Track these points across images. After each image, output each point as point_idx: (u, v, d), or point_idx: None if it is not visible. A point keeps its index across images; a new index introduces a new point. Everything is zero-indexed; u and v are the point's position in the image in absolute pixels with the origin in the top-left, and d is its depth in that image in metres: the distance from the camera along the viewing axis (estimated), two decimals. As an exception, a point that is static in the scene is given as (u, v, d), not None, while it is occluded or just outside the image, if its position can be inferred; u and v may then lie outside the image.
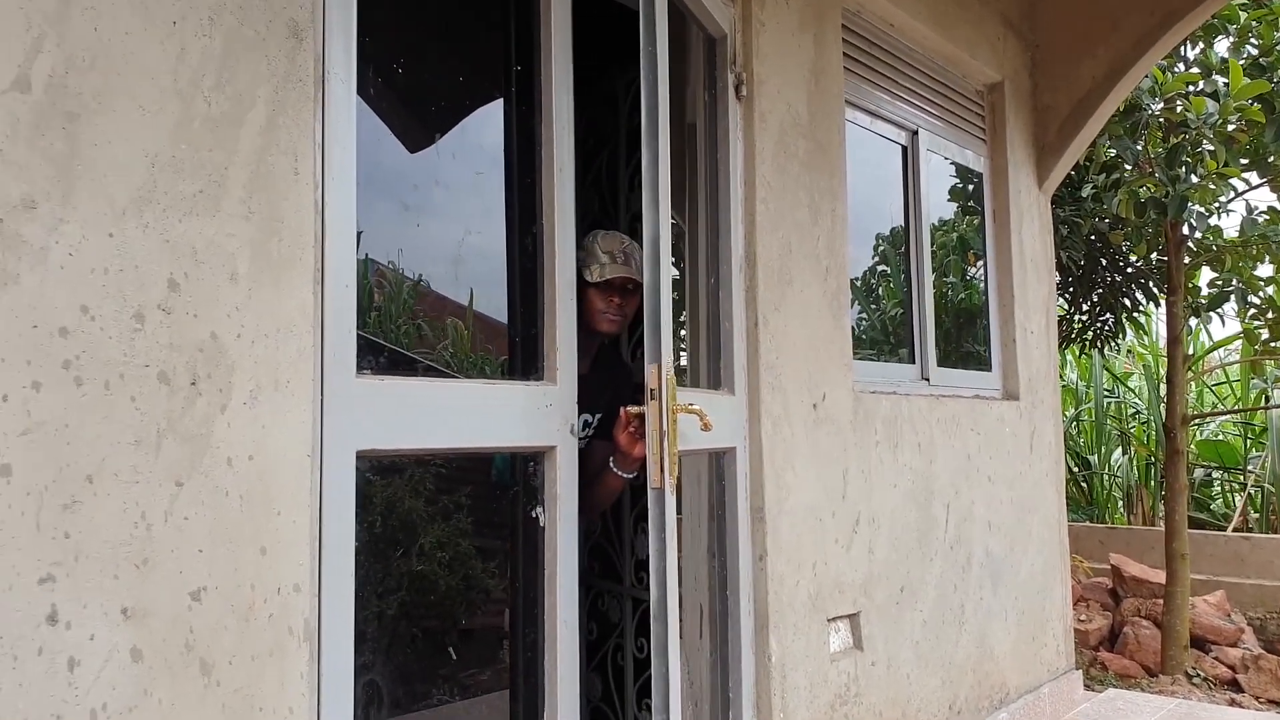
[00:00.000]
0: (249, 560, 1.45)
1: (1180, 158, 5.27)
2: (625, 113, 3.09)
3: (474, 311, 2.39)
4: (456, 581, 2.01)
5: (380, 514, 1.78)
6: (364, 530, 1.65)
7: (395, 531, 1.82)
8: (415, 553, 1.87)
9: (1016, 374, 4.05)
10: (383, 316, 2.40)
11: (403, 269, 2.35)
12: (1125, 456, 9.54)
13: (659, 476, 1.88)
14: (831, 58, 3.03)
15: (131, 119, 1.37)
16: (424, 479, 2.05)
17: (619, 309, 2.42)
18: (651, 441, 1.90)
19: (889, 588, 3.02)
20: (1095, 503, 9.27)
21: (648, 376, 1.90)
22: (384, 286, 2.32)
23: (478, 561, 2.11)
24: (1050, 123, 4.51)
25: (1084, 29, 4.42)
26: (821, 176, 2.92)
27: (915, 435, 3.25)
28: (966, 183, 4.17)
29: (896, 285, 3.71)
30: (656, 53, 1.93)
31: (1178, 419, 5.70)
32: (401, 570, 1.83)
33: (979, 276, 4.16)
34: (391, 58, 1.95)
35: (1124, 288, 6.99)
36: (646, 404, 1.90)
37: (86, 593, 1.27)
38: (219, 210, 1.46)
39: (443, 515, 1.98)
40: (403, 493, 1.87)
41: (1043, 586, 4.01)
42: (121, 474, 1.32)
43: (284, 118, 1.56)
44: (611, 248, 2.42)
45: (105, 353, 1.32)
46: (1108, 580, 6.68)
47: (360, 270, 1.82)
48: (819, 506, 2.74)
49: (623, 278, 2.41)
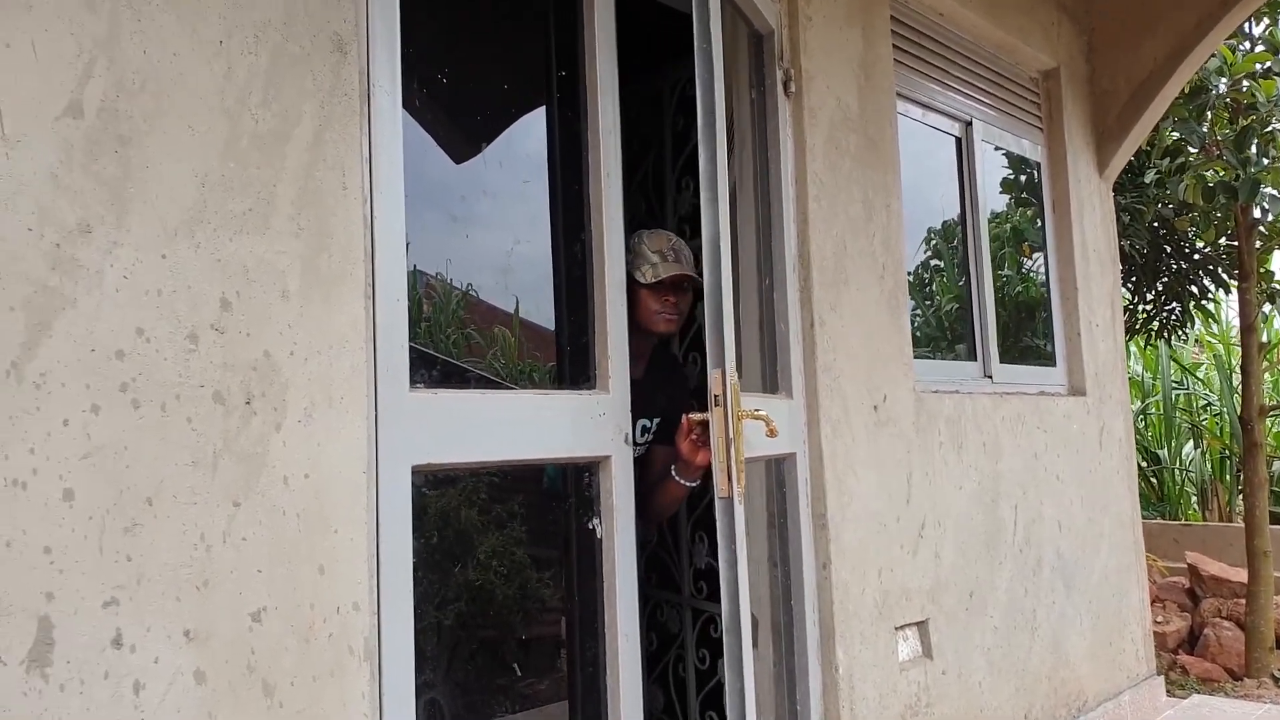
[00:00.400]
0: (307, 579, 1.44)
1: (1250, 140, 5.08)
2: (671, 113, 3.05)
3: (521, 319, 2.37)
4: (513, 591, 1.99)
5: (436, 528, 1.77)
6: (420, 545, 1.63)
7: (451, 544, 1.80)
8: (471, 565, 1.86)
9: (1082, 369, 3.93)
10: (432, 327, 2.39)
11: (451, 279, 2.33)
12: (1197, 450, 9.24)
13: (726, 485, 1.82)
14: (881, 50, 2.96)
15: (181, 139, 1.38)
16: (477, 490, 2.03)
17: (674, 308, 2.33)
18: (717, 449, 1.84)
19: (957, 593, 2.94)
20: (1167, 499, 8.98)
21: (711, 382, 1.84)
22: (433, 297, 2.31)
23: (533, 571, 2.09)
24: (1110, 108, 4.37)
25: (1142, 9, 4.27)
26: (875, 172, 2.85)
27: (980, 435, 3.16)
28: (1019, 173, 4.07)
29: (951, 279, 3.62)
30: (711, 49, 1.88)
31: (1255, 410, 5.49)
32: (459, 583, 1.81)
33: (1035, 270, 4.05)
34: (434, 69, 1.93)
35: (1191, 275, 6.77)
36: (710, 410, 1.84)
37: (149, 615, 1.27)
38: (269, 228, 1.46)
39: (497, 525, 1.96)
40: (457, 504, 1.86)
41: (1118, 588, 3.88)
42: (180, 495, 1.32)
43: (330, 132, 1.55)
44: (660, 246, 2.33)
45: (161, 374, 1.32)
46: (1184, 580, 6.46)
47: (409, 282, 1.81)
48: (882, 511, 2.67)
49: (676, 275, 2.32)
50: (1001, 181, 3.93)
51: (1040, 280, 4.05)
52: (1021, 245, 4.01)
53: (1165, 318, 7.07)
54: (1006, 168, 3.97)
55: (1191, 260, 6.69)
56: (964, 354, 3.49)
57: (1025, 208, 4.07)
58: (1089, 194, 4.19)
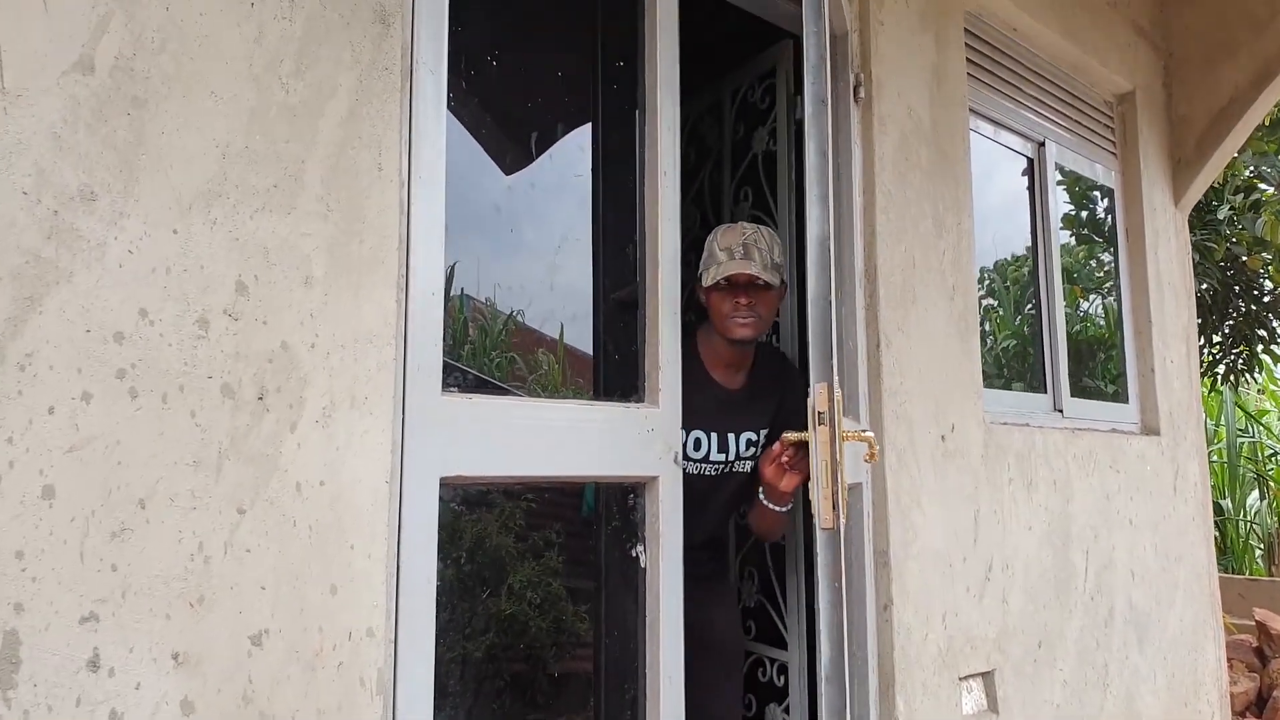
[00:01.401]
0: (317, 600, 1.28)
1: (1332, 175, 4.82)
2: (730, 121, 2.91)
3: (566, 345, 2.18)
4: (547, 624, 1.82)
5: (463, 549, 1.61)
6: (445, 567, 1.47)
7: (480, 568, 1.64)
8: (502, 592, 1.69)
9: (1156, 407, 3.68)
10: (476, 349, 2.24)
11: (496, 301, 2.15)
12: (1263, 501, 8.84)
13: (831, 516, 1.60)
14: (954, 60, 2.79)
15: (203, 106, 1.24)
16: (513, 511, 1.86)
17: (749, 309, 2.02)
18: (821, 474, 1.61)
19: (1025, 643, 2.71)
20: (1231, 552, 8.57)
21: (815, 397, 1.62)
22: (479, 320, 2.14)
23: (569, 604, 1.90)
24: (1186, 135, 4.15)
25: (1222, 35, 4.07)
26: (945, 186, 2.67)
27: (1050, 472, 2.94)
28: (1080, 208, 3.85)
29: (1008, 316, 3.43)
30: (822, 32, 1.70)
31: (1329, 459, 5.17)
32: (488, 613, 1.65)
33: (1094, 310, 3.82)
34: (484, 57, 1.80)
35: (1260, 317, 6.46)
36: (813, 429, 1.62)
37: (134, 634, 1.11)
38: (294, 207, 1.32)
39: (533, 553, 1.79)
40: (490, 525, 1.69)
41: (1193, 645, 3.60)
42: (178, 499, 1.17)
43: (368, 109, 1.42)
44: (730, 243, 2.05)
45: (164, 361, 1.17)
46: (1252, 638, 6.11)
47: (448, 285, 1.66)
48: (948, 550, 2.46)
49: (745, 275, 2.02)
50: (1063, 217, 3.71)
51: (1098, 320, 3.83)
52: (1074, 288, 3.78)
53: (1232, 361, 6.76)
54: (1068, 202, 3.77)
55: (1261, 302, 6.39)
56: (1031, 388, 3.28)
57: (1087, 244, 3.86)
58: (1164, 224, 3.97)
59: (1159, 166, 4.00)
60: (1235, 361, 6.77)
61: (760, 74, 2.78)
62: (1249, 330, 6.53)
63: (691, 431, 2.05)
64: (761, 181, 2.75)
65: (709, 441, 2.09)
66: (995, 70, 3.16)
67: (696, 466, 2.10)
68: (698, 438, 2.07)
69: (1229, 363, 6.78)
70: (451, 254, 1.54)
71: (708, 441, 2.09)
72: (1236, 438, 9.08)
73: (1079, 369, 3.52)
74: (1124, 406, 3.64)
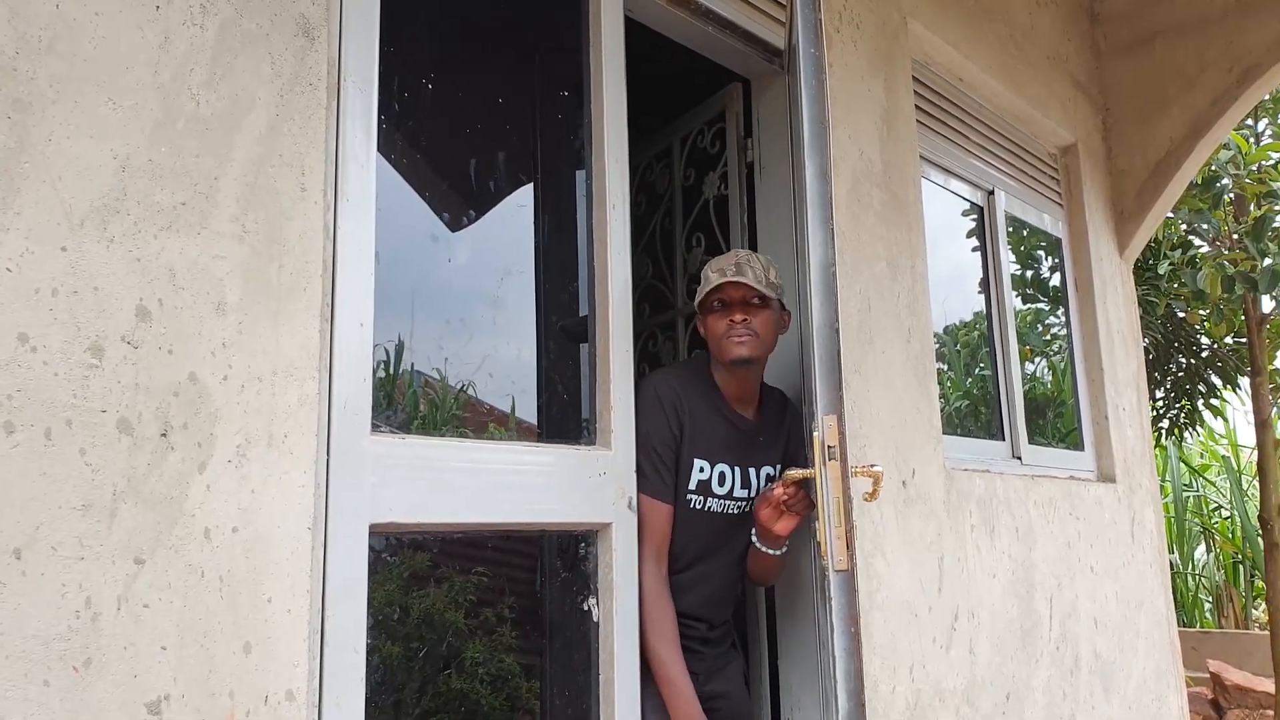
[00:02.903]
0: (228, 660, 1.14)
1: (1267, 230, 4.93)
2: (680, 167, 2.85)
3: (517, 419, 2.02)
4: (500, 702, 1.66)
5: (399, 605, 1.47)
6: (377, 622, 1.33)
7: (417, 624, 1.50)
8: (439, 647, 1.55)
9: (1111, 454, 3.66)
10: (426, 424, 2.08)
11: (447, 376, 1.95)
12: (1210, 554, 8.90)
13: (845, 556, 1.48)
14: (903, 106, 2.78)
15: (99, 113, 1.13)
16: (452, 558, 1.70)
17: (744, 326, 1.87)
18: (833, 512, 1.50)
19: (994, 695, 2.60)
20: (1181, 605, 8.58)
21: (823, 431, 1.51)
22: (430, 395, 1.95)
23: (522, 685, 1.74)
24: (1128, 187, 4.21)
25: (1156, 90, 4.16)
26: (898, 230, 2.63)
27: (1012, 519, 2.87)
28: (1026, 267, 3.86)
29: (959, 378, 3.40)
30: (820, 54, 1.62)
31: (1274, 508, 5.18)
32: (424, 670, 1.50)
33: (1041, 372, 3.81)
34: (420, 101, 1.70)
35: (1200, 372, 6.55)
36: (822, 464, 1.51)
37: (5, 703, 0.96)
38: (205, 227, 1.21)
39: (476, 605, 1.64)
40: (425, 577, 1.55)
41: (1157, 694, 3.52)
42: (62, 547, 1.03)
43: (290, 125, 1.32)
44: (723, 265, 1.92)
45: (48, 393, 1.04)
46: (1207, 690, 6.09)
47: (396, 358, 1.55)
48: (913, 599, 2.36)
49: (737, 287, 1.88)
50: (1010, 277, 3.69)
51: (1045, 381, 3.81)
52: (1024, 349, 3.76)
53: (1175, 416, 6.83)
54: (1014, 262, 3.75)
55: (1201, 357, 6.48)
56: (985, 436, 3.22)
57: (1033, 304, 3.86)
58: (1111, 273, 3.99)
59: (1103, 217, 4.05)
60: (1178, 416, 6.84)
61: (709, 118, 2.74)
62: (1190, 385, 6.62)
63: (716, 465, 1.92)
64: (714, 227, 2.68)
65: (733, 476, 1.94)
66: (944, 118, 3.17)
67: (721, 504, 1.94)
68: (722, 472, 1.92)
69: (1172, 417, 6.85)
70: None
71: (731, 476, 1.94)
72: (1182, 492, 9.16)
73: (1030, 427, 3.48)
74: (1080, 454, 3.61)
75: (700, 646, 1.92)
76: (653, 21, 2.13)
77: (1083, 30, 4.15)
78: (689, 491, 1.89)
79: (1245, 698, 5.90)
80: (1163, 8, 4.14)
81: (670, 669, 1.73)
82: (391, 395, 1.58)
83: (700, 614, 1.92)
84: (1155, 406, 6.76)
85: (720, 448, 1.92)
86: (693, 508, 1.89)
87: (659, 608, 1.77)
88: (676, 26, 2.16)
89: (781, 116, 2.39)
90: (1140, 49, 4.20)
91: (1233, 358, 6.31)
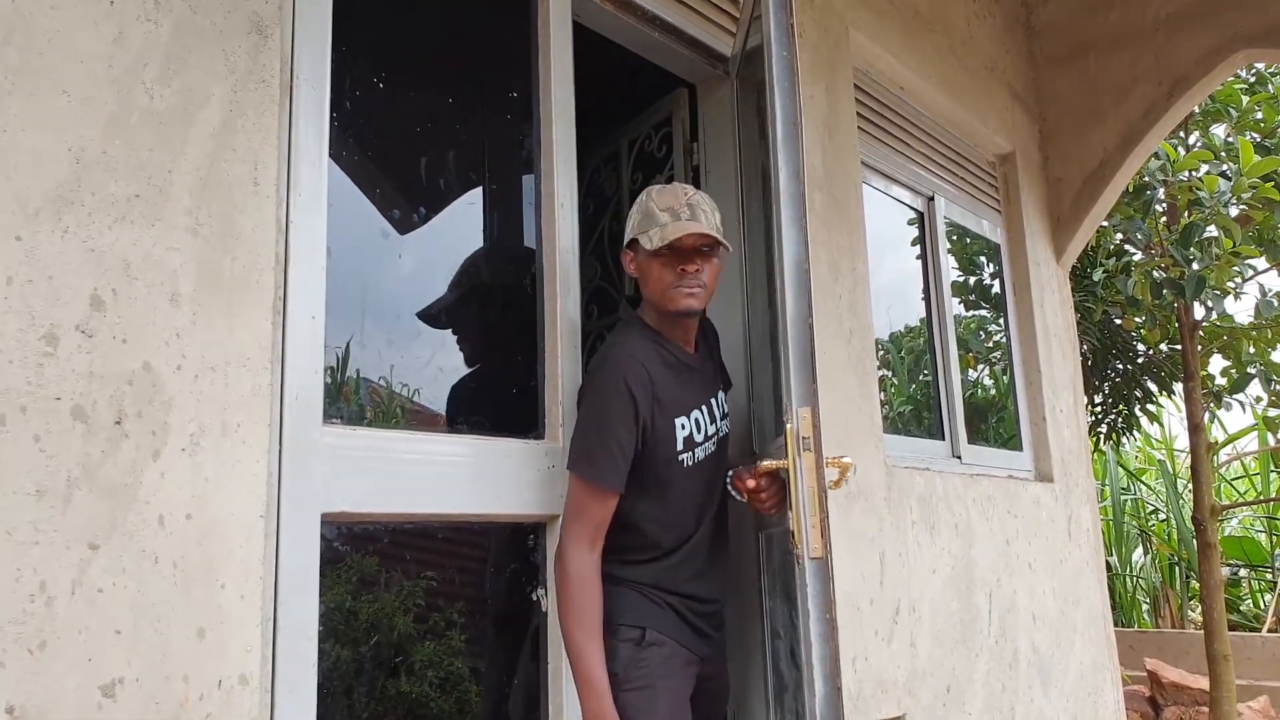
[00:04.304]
0: (181, 645, 1.16)
1: (1194, 237, 5.11)
2: (629, 171, 2.91)
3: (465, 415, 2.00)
4: (450, 705, 1.68)
5: (350, 593, 1.49)
6: (329, 610, 1.36)
7: (370, 615, 1.52)
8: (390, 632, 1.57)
9: (1049, 454, 3.78)
10: (376, 416, 2.10)
11: (392, 382, 1.92)
12: (1147, 557, 9.15)
13: (821, 545, 1.51)
14: (844, 111, 2.87)
15: (53, 106, 1.15)
16: (402, 549, 1.72)
17: (696, 278, 1.76)
18: (809, 501, 1.53)
19: (935, 686, 2.68)
20: (1119, 607, 8.81)
21: (798, 423, 1.54)
22: (378, 402, 1.93)
23: (471, 684, 1.75)
24: (1064, 195, 4.36)
25: (1090, 101, 4.31)
26: (840, 234, 2.71)
27: (952, 516, 2.96)
28: (969, 273, 3.97)
29: (902, 384, 3.49)
30: (791, 56, 1.65)
31: (1206, 510, 5.35)
32: (375, 655, 1.52)
33: (980, 380, 3.93)
34: (373, 100, 1.73)
35: (1137, 377, 6.74)
36: (797, 455, 1.54)
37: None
38: (159, 219, 1.23)
39: (427, 596, 1.67)
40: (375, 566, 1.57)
41: (1094, 687, 3.64)
42: (16, 532, 1.04)
43: (243, 121, 1.34)
44: (671, 203, 1.77)
45: (2, 379, 1.06)
46: (1144, 688, 6.25)
47: (343, 363, 1.57)
48: (855, 593, 2.43)
49: (693, 236, 1.75)
50: (952, 284, 3.79)
51: (988, 387, 3.93)
52: (967, 355, 3.86)
53: (1113, 421, 7.01)
54: (955, 268, 3.86)
55: (1137, 363, 6.67)
56: (925, 436, 3.32)
57: (975, 311, 3.97)
58: (1048, 278, 4.13)
59: (1040, 224, 4.18)
60: (1116, 421, 7.03)
61: (656, 123, 2.79)
62: (1127, 390, 6.81)
63: (691, 415, 1.82)
64: (660, 229, 2.73)
65: (704, 417, 1.85)
66: (885, 125, 3.26)
67: (704, 449, 1.85)
68: (697, 419, 1.83)
69: (1110, 422, 7.04)
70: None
71: (704, 417, 1.85)
72: (1120, 495, 9.41)
73: (972, 431, 3.58)
74: (1018, 454, 3.72)
75: (713, 631, 1.86)
76: (600, 26, 2.18)
77: (1020, 42, 4.29)
78: (679, 453, 1.79)
79: (1181, 695, 6.05)
80: (1096, 21, 4.29)
81: (590, 664, 1.60)
82: (341, 390, 1.61)
83: (710, 594, 1.84)
84: (1093, 411, 6.93)
85: (688, 398, 1.83)
86: (686, 467, 1.80)
87: (588, 594, 1.62)
88: (623, 32, 2.21)
89: (726, 121, 2.45)
90: (1075, 61, 4.35)
91: (1168, 364, 6.50)
